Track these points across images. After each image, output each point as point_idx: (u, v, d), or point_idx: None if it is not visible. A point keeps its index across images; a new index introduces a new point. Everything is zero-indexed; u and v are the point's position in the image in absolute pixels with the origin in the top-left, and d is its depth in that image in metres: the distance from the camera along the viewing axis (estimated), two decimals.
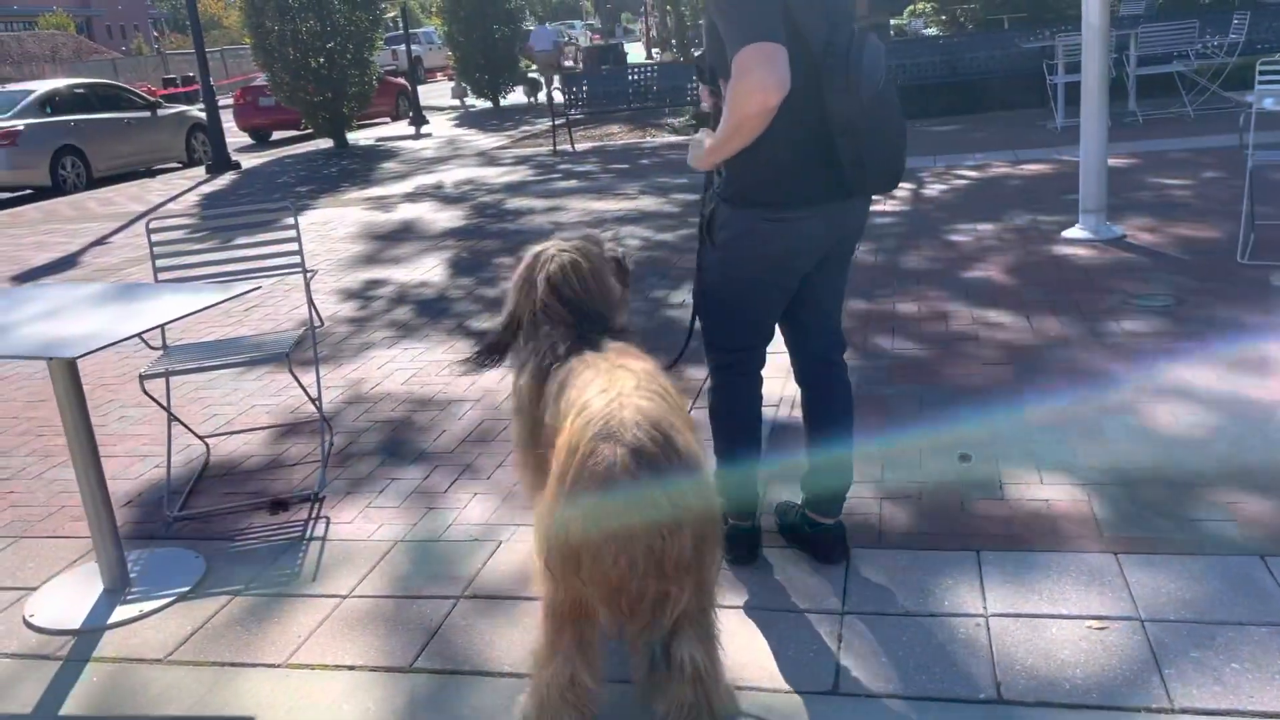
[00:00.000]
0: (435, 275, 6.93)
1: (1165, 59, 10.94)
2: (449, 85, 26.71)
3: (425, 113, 19.78)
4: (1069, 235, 6.13)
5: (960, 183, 8.38)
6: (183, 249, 4.18)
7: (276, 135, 20.35)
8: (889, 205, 7.69)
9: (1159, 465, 3.21)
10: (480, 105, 23.21)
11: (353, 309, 6.22)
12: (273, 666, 2.62)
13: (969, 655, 2.39)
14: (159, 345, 4.01)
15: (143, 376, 3.67)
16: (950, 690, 2.28)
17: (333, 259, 7.79)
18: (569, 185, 10.53)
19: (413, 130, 18.50)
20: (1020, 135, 10.45)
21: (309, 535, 3.33)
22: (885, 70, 2.47)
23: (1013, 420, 3.65)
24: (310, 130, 17.70)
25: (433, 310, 6.00)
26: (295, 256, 4.07)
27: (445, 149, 15.37)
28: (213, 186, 13.38)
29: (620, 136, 14.71)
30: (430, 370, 4.86)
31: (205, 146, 16.00)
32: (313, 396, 4.03)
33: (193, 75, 25.97)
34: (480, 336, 5.34)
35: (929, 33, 20.38)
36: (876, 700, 2.28)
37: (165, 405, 3.89)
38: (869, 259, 6.07)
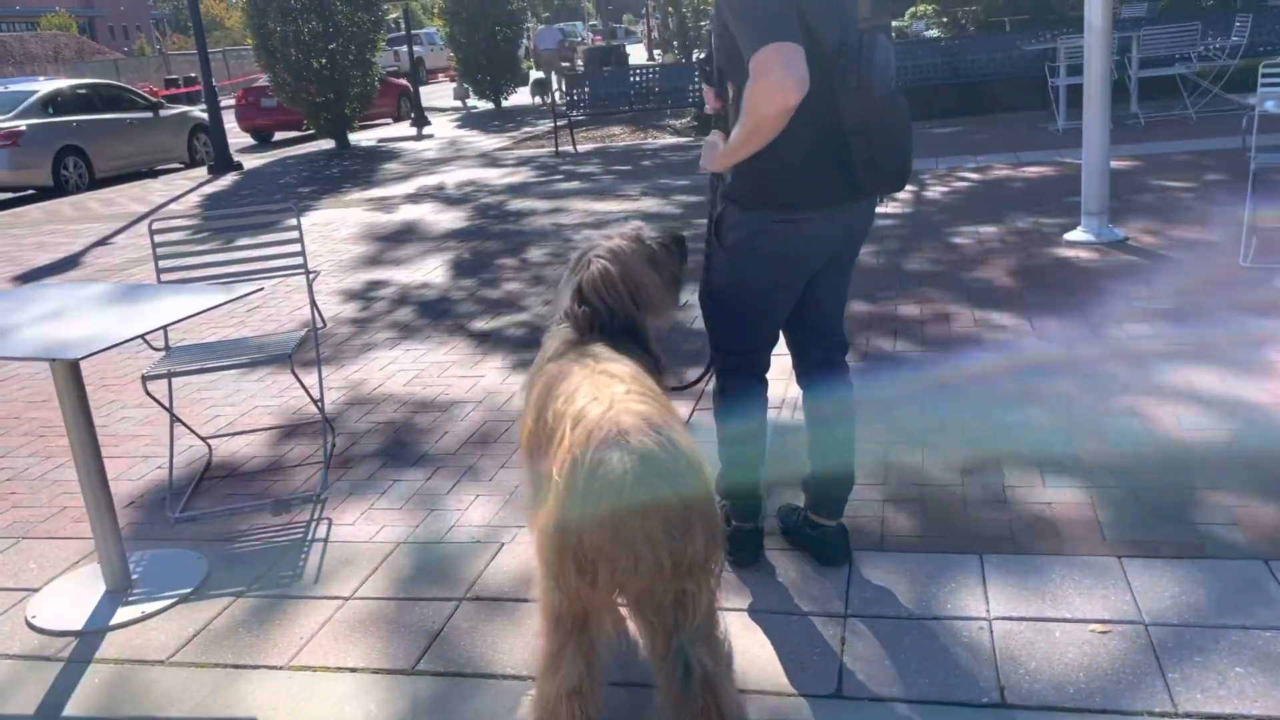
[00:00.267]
0: (437, 277, 6.94)
1: (1167, 61, 10.94)
2: (451, 86, 26.74)
3: (427, 114, 19.80)
4: (1071, 238, 6.12)
5: (962, 185, 8.38)
6: (185, 250, 4.18)
7: (278, 136, 20.37)
8: (891, 207, 7.69)
9: (1162, 468, 3.21)
10: (482, 106, 23.22)
11: (355, 310, 6.22)
12: (275, 668, 2.62)
13: (972, 658, 2.39)
14: (161, 346, 4.01)
15: (145, 377, 3.67)
16: (953, 694, 2.28)
17: (334, 260, 7.79)
18: (571, 187, 10.53)
19: (414, 131, 18.51)
20: (1022, 137, 10.45)
21: (311, 537, 3.33)
22: (894, 70, 2.48)
23: (1015, 422, 3.65)
24: (312, 131, 17.71)
25: (435, 311, 6.00)
26: (298, 258, 4.07)
27: (447, 150, 15.38)
28: (215, 187, 13.39)
29: (622, 138, 14.71)
30: (432, 372, 4.86)
31: (207, 147, 16.01)
32: (315, 398, 4.03)
33: (195, 76, 26.03)
34: (483, 338, 5.34)
35: (930, 35, 20.38)
36: (880, 703, 2.28)
37: (168, 406, 3.89)
38: (871, 261, 6.07)
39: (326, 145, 17.32)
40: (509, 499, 3.44)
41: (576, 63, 25.57)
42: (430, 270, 7.15)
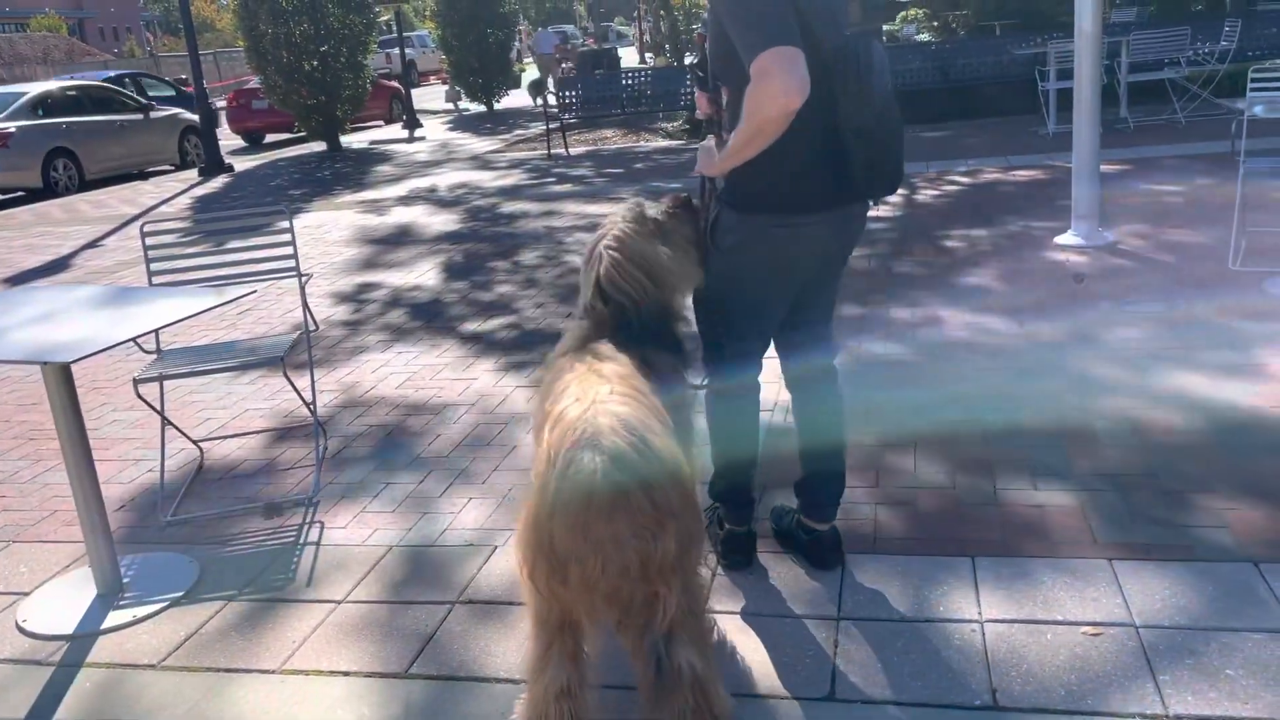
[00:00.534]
0: (429, 279, 6.93)
1: (1156, 66, 10.98)
2: (443, 89, 26.72)
3: (419, 116, 19.77)
4: (1061, 241, 6.15)
5: (953, 188, 8.40)
6: (177, 252, 4.17)
7: (270, 138, 20.32)
8: (883, 210, 7.71)
9: (1153, 471, 3.22)
10: (474, 109, 23.21)
11: (347, 312, 6.21)
12: (267, 673, 2.61)
13: (964, 661, 2.40)
14: (152, 349, 4.00)
15: (136, 380, 3.66)
16: (946, 696, 2.29)
17: (326, 262, 7.77)
18: (563, 189, 10.53)
19: (406, 134, 18.49)
20: (1012, 141, 10.48)
21: (303, 540, 3.32)
22: (889, 74, 2.49)
23: (1006, 426, 3.66)
24: (303, 133, 17.68)
25: (427, 314, 6.00)
26: (290, 260, 4.06)
27: (439, 152, 15.36)
28: (205, 189, 13.35)
29: (614, 141, 14.72)
30: (425, 374, 4.86)
31: (198, 149, 15.96)
32: (307, 400, 4.02)
33: (185, 78, 25.91)
34: (476, 340, 5.34)
35: (921, 39, 20.45)
36: (872, 706, 2.28)
37: (159, 409, 3.88)
38: (863, 264, 6.09)
39: (318, 147, 17.29)
40: (502, 502, 3.44)
41: (564, 65, 25.60)
42: (422, 273, 7.14)
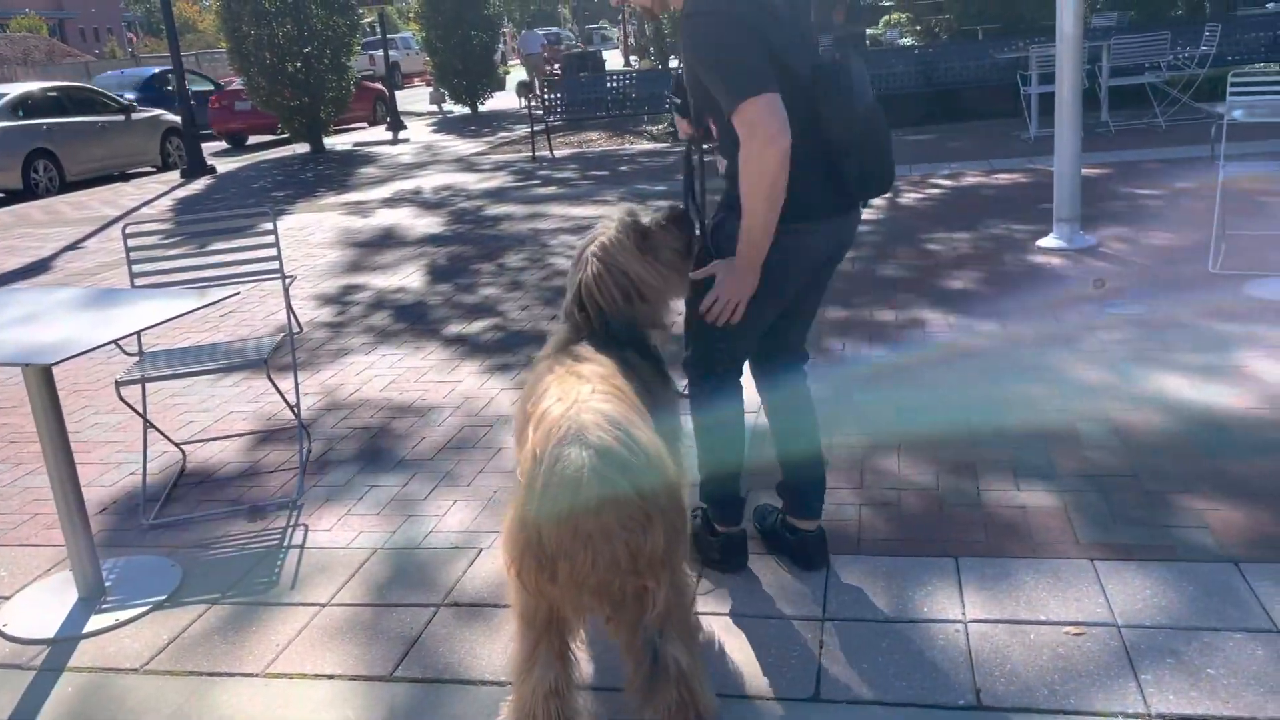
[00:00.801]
0: (414, 281, 6.91)
1: (1137, 70, 11.07)
2: (427, 91, 26.67)
3: (403, 118, 19.73)
4: (1043, 244, 6.19)
5: (936, 192, 8.44)
6: (159, 254, 4.15)
7: (252, 140, 20.23)
8: (867, 214, 7.72)
9: (1134, 472, 3.25)
10: (458, 111, 23.17)
11: (331, 315, 6.19)
12: (251, 676, 2.60)
13: (948, 661, 2.41)
14: (134, 351, 3.97)
15: (118, 383, 3.64)
16: (930, 696, 2.30)
17: (310, 264, 7.74)
18: (548, 192, 10.53)
19: (390, 135, 18.44)
20: (995, 145, 10.54)
21: (287, 543, 3.31)
22: (869, 85, 2.56)
23: (989, 427, 3.68)
24: (286, 135, 17.61)
25: (411, 316, 5.98)
26: (274, 262, 4.05)
27: (423, 154, 15.33)
28: (188, 191, 13.28)
29: (599, 143, 14.72)
30: (409, 377, 4.85)
31: (180, 151, 15.88)
32: (291, 403, 4.01)
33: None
34: (460, 343, 5.33)
35: (904, 43, 20.54)
36: (857, 706, 2.29)
37: (141, 412, 3.86)
38: (847, 267, 6.11)
39: (301, 149, 17.23)
40: (487, 504, 3.44)
41: (551, 66, 25.63)
42: (407, 275, 7.12)
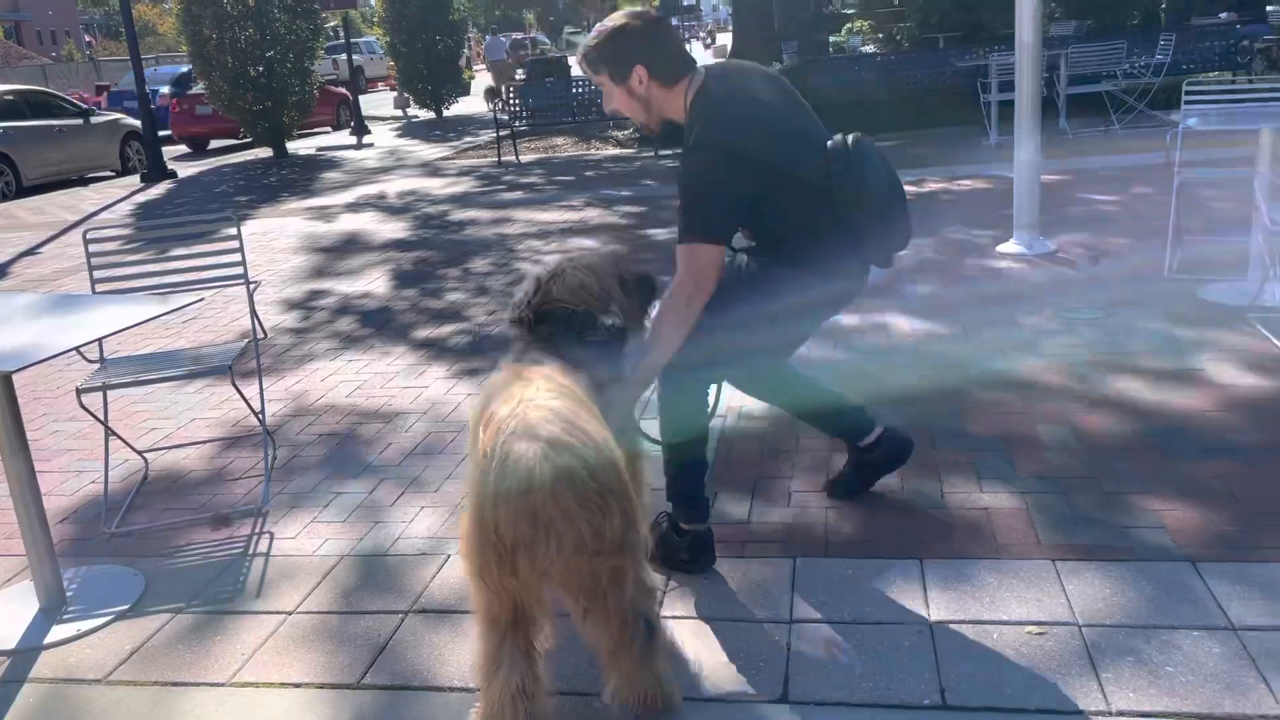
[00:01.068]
0: (379, 287, 6.88)
1: (1094, 78, 11.26)
2: (391, 95, 26.54)
3: (367, 123, 19.61)
4: (1004, 250, 6.27)
5: None
6: (120, 259, 4.10)
7: (214, 144, 20.03)
8: None
9: (1093, 473, 3.30)
10: (423, 116, 23.08)
11: (295, 320, 6.14)
12: (216, 685, 2.58)
13: (914, 661, 2.44)
14: (96, 358, 3.93)
15: (79, 390, 3.60)
16: (897, 696, 2.32)
17: (274, 270, 7.68)
18: (514, 197, 10.52)
19: (354, 140, 18.33)
20: (956, 152, 10.67)
21: (252, 551, 3.28)
22: (885, 164, 2.74)
23: (952, 429, 3.73)
24: (249, 139, 17.44)
25: (377, 321, 5.95)
26: (237, 268, 4.02)
27: (388, 159, 15.25)
28: (148, 196, 13.12)
29: (565, 149, 14.73)
30: (375, 382, 4.82)
31: (140, 155, 15.68)
32: (255, 409, 3.98)
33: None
34: (427, 348, 5.31)
35: (867, 50, 20.73)
36: (825, 707, 2.31)
37: (102, 419, 3.81)
38: None
39: (264, 154, 17.08)
40: (455, 510, 3.43)
41: (517, 74, 25.60)
42: (372, 280, 7.09)
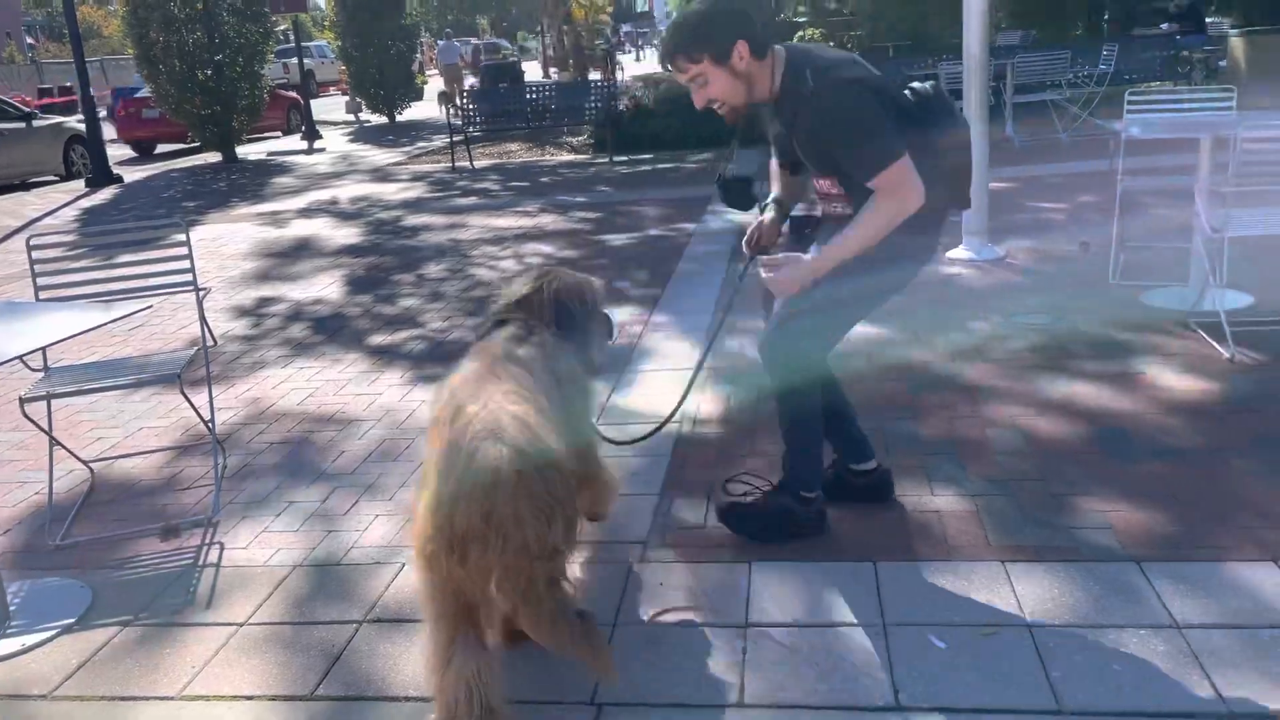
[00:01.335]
0: (332, 292, 6.81)
1: (1040, 87, 11.47)
2: (343, 100, 26.30)
3: (318, 127, 19.42)
4: (953, 256, 6.36)
5: None
6: (65, 266, 4.02)
7: (161, 148, 19.71)
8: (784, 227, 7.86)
9: (1041, 476, 3.36)
10: (376, 120, 22.89)
11: (246, 327, 6.06)
12: (165, 699, 2.54)
13: (868, 663, 2.47)
14: (39, 367, 3.84)
15: (23, 399, 3.52)
16: (852, 698, 2.35)
17: (224, 276, 7.58)
18: (468, 202, 10.47)
19: (305, 145, 18.14)
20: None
21: (202, 562, 3.23)
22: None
23: (904, 434, 3.77)
24: (197, 144, 17.20)
25: (330, 328, 5.90)
26: (186, 274, 3.95)
27: (340, 164, 15.12)
28: (93, 201, 12.88)
29: (519, 154, 14.69)
30: (328, 389, 4.78)
31: (84, 159, 15.38)
32: (205, 418, 3.92)
33: (71, 85, 24.96)
34: (381, 354, 5.27)
35: None
36: (781, 710, 2.33)
37: (47, 429, 3.73)
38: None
39: (213, 158, 16.84)
40: (410, 517, 3.40)
41: (468, 79, 25.51)
42: (324, 286, 7.02)
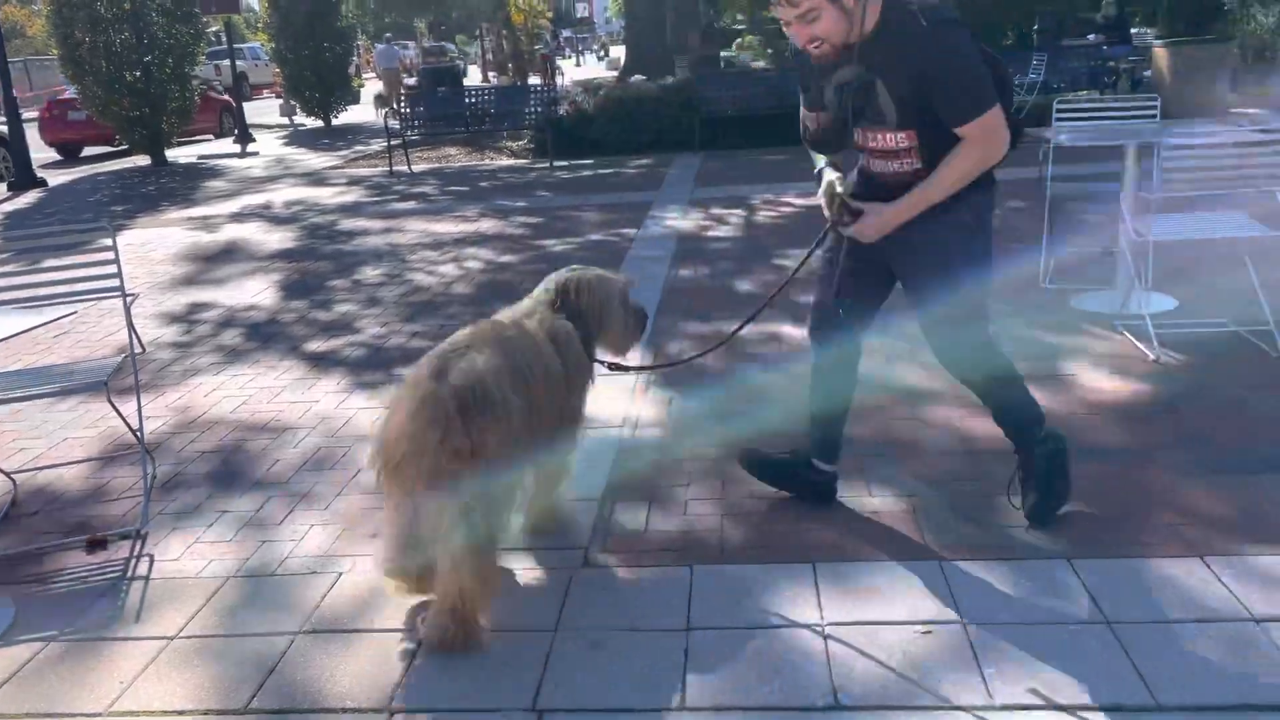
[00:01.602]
0: (266, 298, 6.69)
1: None
2: (277, 103, 25.90)
3: (252, 130, 19.08)
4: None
5: (789, 210, 8.71)
6: None
7: (88, 151, 19.21)
8: (723, 231, 7.92)
9: (975, 476, 3.42)
10: (311, 124, 22.57)
11: (177, 333, 5.92)
12: (93, 715, 2.46)
13: (808, 664, 2.48)
14: None
15: None
16: (792, 699, 2.36)
17: (153, 282, 7.41)
18: (406, 207, 10.37)
19: (238, 148, 17.81)
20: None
21: (131, 575, 3.15)
22: None
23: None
24: (125, 146, 16.79)
25: (264, 334, 5.79)
26: (113, 280, 3.85)
27: (274, 168, 14.87)
28: (15, 205, 12.50)
29: (458, 159, 14.59)
30: (262, 396, 4.69)
31: (6, 162, 14.92)
32: (133, 426, 3.82)
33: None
34: (317, 360, 5.18)
35: (757, 66, 21.12)
36: (722, 713, 2.34)
37: None
38: (706, 282, 6.24)
39: (142, 161, 16.46)
40: (348, 525, 3.35)
41: (407, 81, 25.27)
42: (258, 292, 6.89)
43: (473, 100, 13.93)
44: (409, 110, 13.65)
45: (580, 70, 38.90)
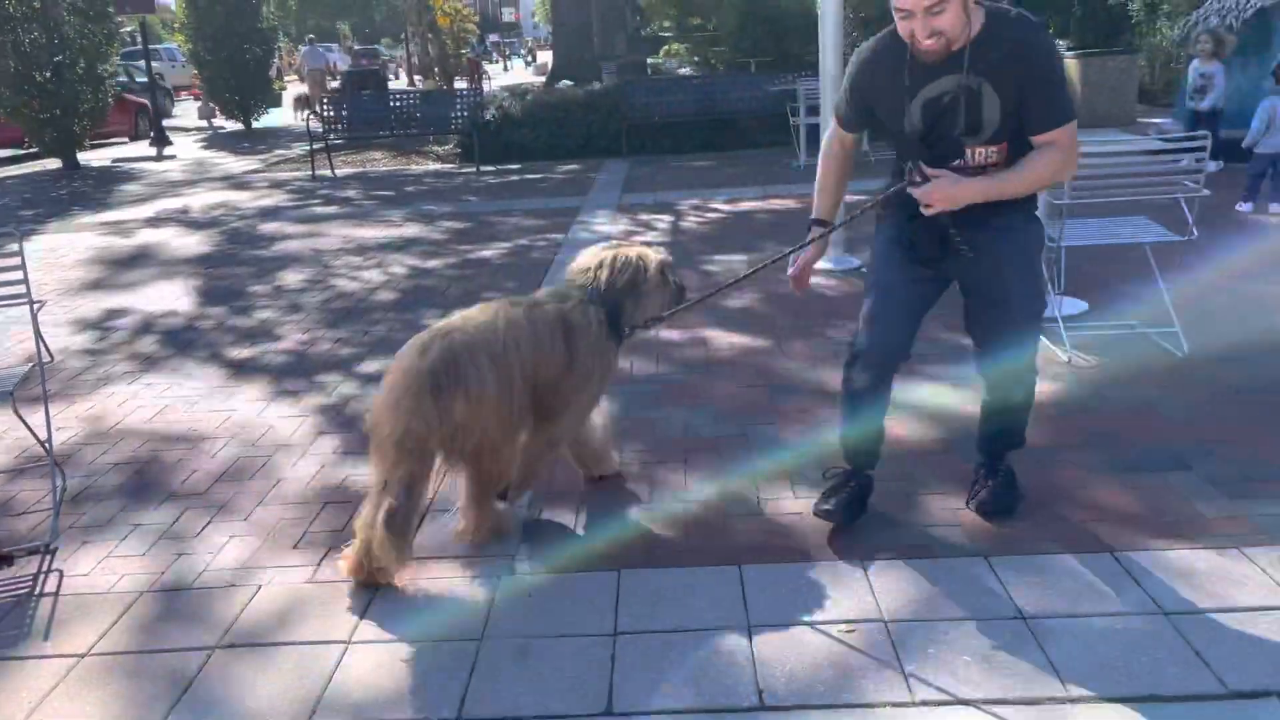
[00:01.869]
0: (183, 304, 6.53)
1: None
2: (195, 105, 25.30)
3: (169, 133, 18.60)
4: (814, 266, 6.53)
5: (715, 216, 8.77)
6: None
7: None
8: (649, 236, 7.95)
9: (895, 477, 3.48)
10: (230, 127, 22.08)
11: (89, 341, 5.75)
12: None
13: (733, 666, 2.50)
14: None
15: None
16: (718, 701, 2.38)
17: (64, 288, 7.17)
18: (329, 211, 10.20)
19: (154, 151, 17.34)
20: (769, 172, 11.06)
21: (39, 591, 3.04)
22: None
23: (768, 437, 3.85)
24: (35, 149, 16.24)
25: (180, 341, 5.64)
26: (19, 286, 3.72)
27: (192, 171, 14.52)
28: None
29: (383, 163, 14.40)
30: (179, 406, 4.57)
31: None
32: (41, 438, 3.69)
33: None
34: (236, 368, 5.07)
35: (683, 73, 21.24)
36: (649, 716, 2.34)
37: None
38: None
39: (53, 164, 15.93)
40: (268, 536, 3.28)
41: (331, 84, 24.89)
42: (175, 298, 6.71)
43: (398, 104, 13.77)
44: (332, 113, 13.44)
45: (508, 75, 38.72)
